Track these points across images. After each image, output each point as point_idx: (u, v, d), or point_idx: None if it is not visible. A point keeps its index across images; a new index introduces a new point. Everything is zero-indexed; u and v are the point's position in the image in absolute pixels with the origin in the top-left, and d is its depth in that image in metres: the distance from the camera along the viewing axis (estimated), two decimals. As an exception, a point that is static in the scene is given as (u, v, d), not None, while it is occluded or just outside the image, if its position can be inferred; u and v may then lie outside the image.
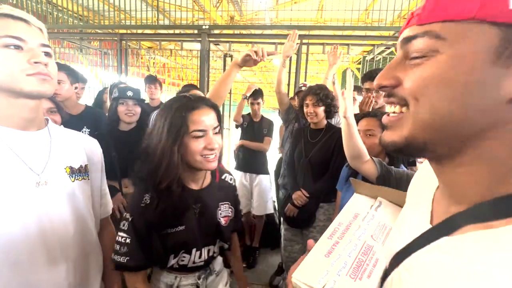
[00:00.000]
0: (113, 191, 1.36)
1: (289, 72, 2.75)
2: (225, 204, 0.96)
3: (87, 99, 3.16)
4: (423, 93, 0.29)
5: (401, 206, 0.48)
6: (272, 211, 2.78)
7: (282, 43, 2.76)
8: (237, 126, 2.80)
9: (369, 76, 1.81)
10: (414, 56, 0.30)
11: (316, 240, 0.51)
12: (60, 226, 0.67)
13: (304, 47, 2.60)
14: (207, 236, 0.89)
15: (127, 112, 1.58)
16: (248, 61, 1.10)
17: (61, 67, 1.66)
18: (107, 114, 1.78)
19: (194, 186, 0.89)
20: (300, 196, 1.67)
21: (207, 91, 2.79)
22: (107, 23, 3.15)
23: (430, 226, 0.35)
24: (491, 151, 0.28)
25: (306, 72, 2.69)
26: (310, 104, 1.65)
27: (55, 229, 0.66)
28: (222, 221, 0.93)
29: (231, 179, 1.03)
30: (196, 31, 2.65)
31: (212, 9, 4.46)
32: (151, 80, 2.55)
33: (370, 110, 1.67)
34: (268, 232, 2.74)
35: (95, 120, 1.72)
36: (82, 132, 1.68)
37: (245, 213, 2.66)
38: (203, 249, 0.88)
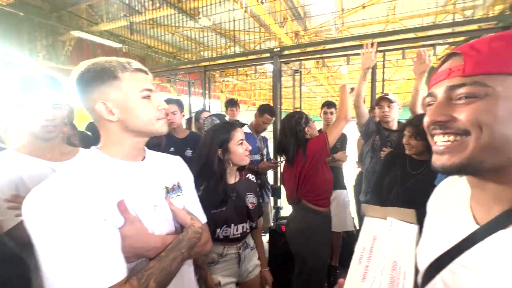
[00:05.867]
0: None
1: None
2: (250, 194, 1.36)
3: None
4: (485, 123, 0.39)
5: (409, 222, 0.61)
6: (352, 228, 2.63)
7: (354, 54, 2.69)
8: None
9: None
10: (463, 97, 0.41)
11: None
12: None
13: (379, 55, 2.47)
14: (240, 216, 1.29)
15: None
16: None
17: (174, 101, 2.06)
18: None
19: (231, 181, 1.32)
20: None
21: (280, 107, 2.94)
22: (192, 58, 3.68)
23: (478, 226, 0.44)
24: None
25: (383, 81, 2.53)
26: (407, 136, 1.55)
27: None
28: (250, 206, 1.34)
29: (252, 177, 1.45)
30: (268, 55, 2.85)
31: (278, 30, 4.71)
32: (232, 103, 2.88)
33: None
34: (349, 251, 2.59)
35: (197, 143, 2.05)
36: (186, 153, 2.00)
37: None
38: (238, 225, 1.28)
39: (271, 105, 2.83)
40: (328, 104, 2.70)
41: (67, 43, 4.87)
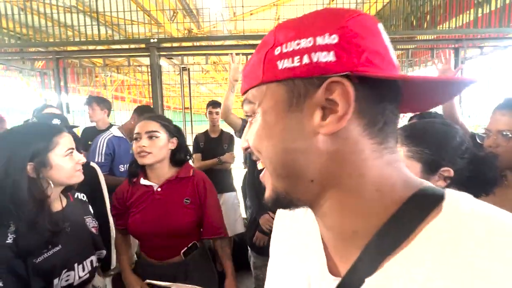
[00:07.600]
0: None
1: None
2: (88, 217, 1.08)
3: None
4: (260, 147, 0.32)
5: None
6: (242, 230, 2.61)
7: (238, 54, 2.69)
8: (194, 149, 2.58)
9: None
10: (249, 118, 0.35)
11: None
12: None
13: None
14: (84, 249, 0.99)
15: None
16: None
17: None
18: None
19: (57, 208, 0.95)
20: (268, 220, 1.49)
21: (161, 107, 2.60)
22: (41, 40, 2.81)
23: (338, 279, 0.32)
24: (346, 180, 0.29)
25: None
26: None
27: None
28: (94, 231, 1.07)
29: (83, 196, 1.13)
30: (144, 45, 2.46)
31: (166, 23, 4.30)
32: (87, 101, 2.23)
33: None
34: (240, 253, 2.55)
35: None
36: None
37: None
38: (84, 262, 0.97)
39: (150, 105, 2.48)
40: (213, 104, 2.58)
41: None
